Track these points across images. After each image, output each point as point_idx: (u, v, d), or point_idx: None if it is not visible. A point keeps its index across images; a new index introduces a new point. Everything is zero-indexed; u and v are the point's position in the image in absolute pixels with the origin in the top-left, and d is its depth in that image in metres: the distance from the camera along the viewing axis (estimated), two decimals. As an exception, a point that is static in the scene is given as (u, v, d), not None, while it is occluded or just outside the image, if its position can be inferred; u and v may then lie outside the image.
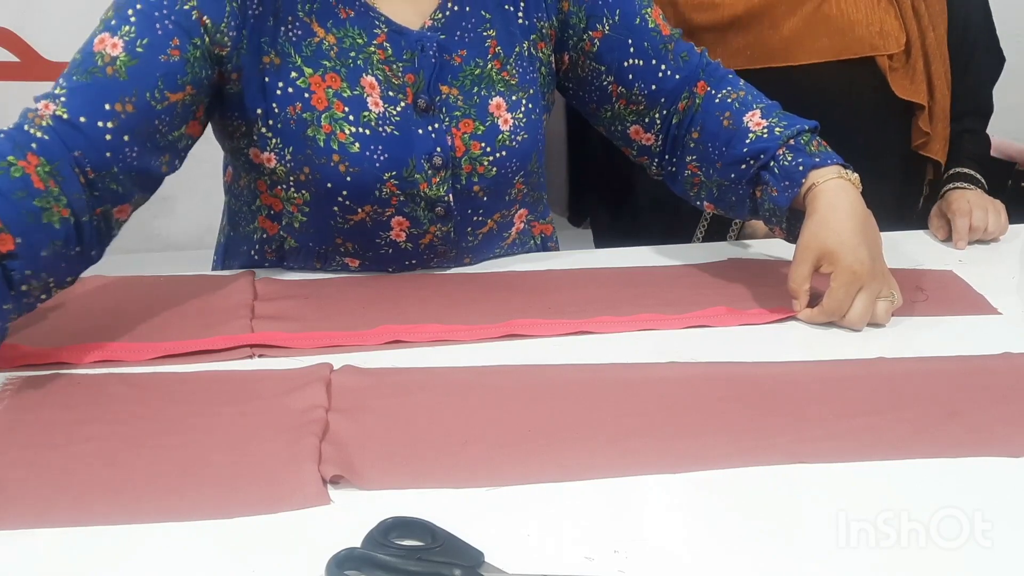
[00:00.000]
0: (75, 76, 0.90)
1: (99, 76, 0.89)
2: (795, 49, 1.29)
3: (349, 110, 0.99)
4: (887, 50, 1.29)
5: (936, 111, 1.33)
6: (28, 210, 0.81)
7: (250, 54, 0.97)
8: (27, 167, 0.82)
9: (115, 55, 0.90)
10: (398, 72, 1.01)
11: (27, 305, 0.85)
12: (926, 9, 1.32)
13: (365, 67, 1.00)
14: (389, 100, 1.00)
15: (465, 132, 1.03)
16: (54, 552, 0.61)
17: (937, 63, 1.32)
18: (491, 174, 1.05)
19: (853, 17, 1.29)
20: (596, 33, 1.10)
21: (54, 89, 0.90)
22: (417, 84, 1.01)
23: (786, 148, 1.03)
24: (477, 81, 1.04)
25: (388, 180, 1.00)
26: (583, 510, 0.66)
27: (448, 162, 1.02)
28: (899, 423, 0.78)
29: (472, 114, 1.03)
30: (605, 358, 0.88)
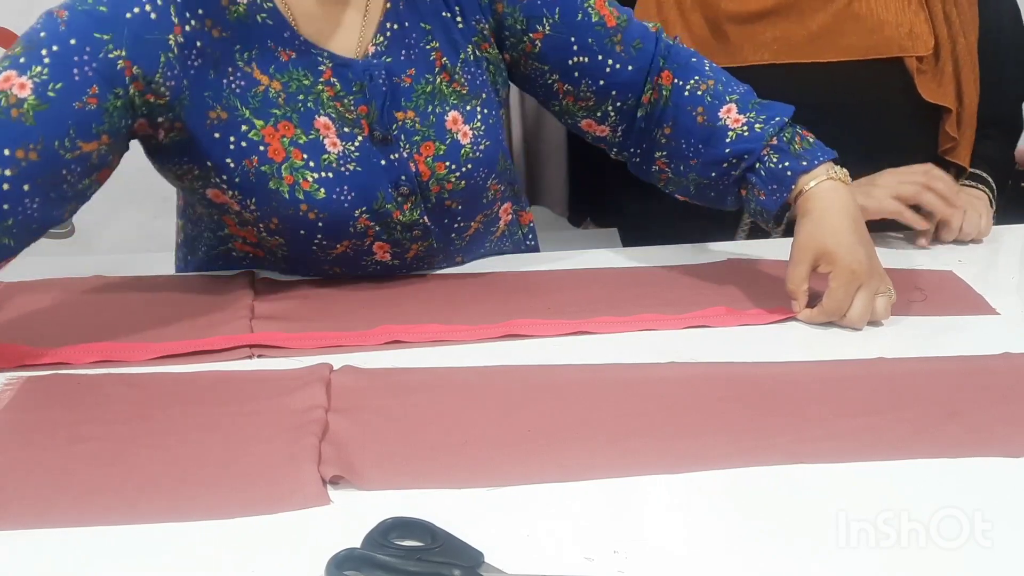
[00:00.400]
0: None
1: (1, 118, 0.82)
2: (823, 45, 1.28)
3: (308, 156, 0.96)
4: (915, 52, 1.28)
5: (964, 116, 1.31)
6: None
7: (194, 107, 0.92)
8: None
9: (23, 96, 0.83)
10: (350, 106, 0.98)
11: None
12: (958, 15, 1.30)
13: (316, 108, 0.97)
14: (346, 136, 0.98)
15: (427, 155, 1.01)
16: (54, 552, 0.61)
17: (967, 69, 1.31)
18: (460, 187, 1.03)
19: (883, 17, 1.28)
20: (536, 35, 1.05)
21: None
22: (371, 115, 0.98)
23: (770, 148, 1.02)
24: (430, 99, 1.01)
25: (360, 216, 0.99)
26: (583, 510, 0.66)
27: (415, 188, 1.01)
28: (899, 423, 0.78)
29: (431, 135, 1.01)
30: (605, 358, 0.88)
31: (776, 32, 1.29)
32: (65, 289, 1.02)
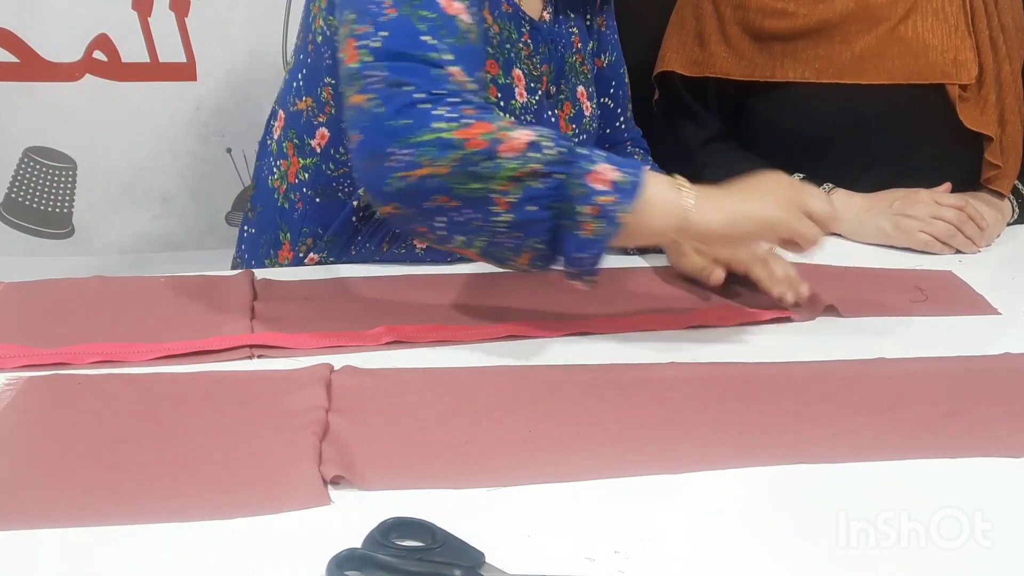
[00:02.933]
0: (447, 39, 0.86)
1: (469, 43, 0.89)
2: (866, 67, 1.27)
3: (501, 96, 1.05)
4: (959, 79, 1.26)
5: (1007, 144, 1.30)
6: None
7: None
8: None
9: (469, 22, 0.89)
10: (537, 64, 1.08)
11: None
12: (1004, 42, 1.29)
13: (515, 60, 1.06)
14: (530, 91, 1.08)
15: (567, 114, 1.13)
16: (54, 552, 0.61)
17: (1011, 97, 1.29)
18: None
19: (928, 42, 1.26)
20: (599, 61, 1.21)
21: (430, 50, 0.85)
22: (550, 73, 1.10)
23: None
24: (571, 70, 1.14)
25: None
26: (583, 510, 0.66)
27: None
28: (899, 423, 0.78)
29: (570, 98, 1.13)
30: (605, 358, 0.88)
31: (819, 51, 1.28)
32: (65, 289, 1.02)
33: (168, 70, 1.70)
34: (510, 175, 0.82)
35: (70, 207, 1.77)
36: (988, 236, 1.23)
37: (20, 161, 1.73)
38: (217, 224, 1.84)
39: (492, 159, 0.82)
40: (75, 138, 1.72)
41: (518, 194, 0.83)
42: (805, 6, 1.28)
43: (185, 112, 1.73)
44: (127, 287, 1.03)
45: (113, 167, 1.75)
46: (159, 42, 1.68)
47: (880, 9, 1.27)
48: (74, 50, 1.66)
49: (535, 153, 0.82)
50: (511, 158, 0.82)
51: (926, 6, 1.27)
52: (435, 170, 0.82)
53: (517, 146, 0.82)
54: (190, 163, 1.77)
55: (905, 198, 1.23)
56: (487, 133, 0.82)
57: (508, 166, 0.82)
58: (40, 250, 1.78)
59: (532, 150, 0.83)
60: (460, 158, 0.81)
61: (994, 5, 1.29)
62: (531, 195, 0.83)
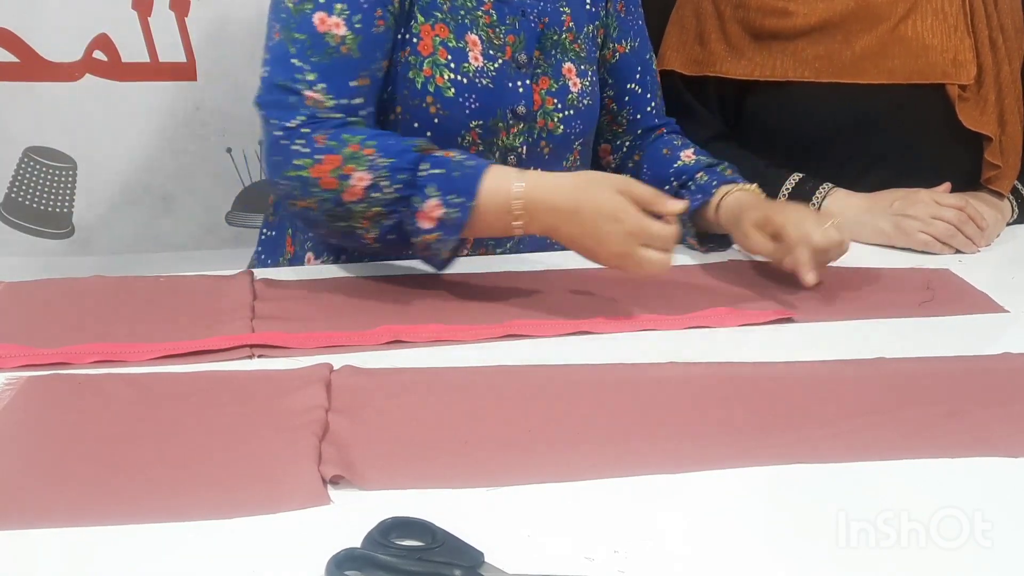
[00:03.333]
0: (313, 58, 0.97)
1: (335, 57, 0.97)
2: (866, 67, 1.27)
3: (451, 58, 1.06)
4: (958, 79, 1.26)
5: (1007, 144, 1.30)
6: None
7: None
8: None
9: (342, 35, 0.97)
10: (500, 34, 1.10)
11: None
12: (1004, 42, 1.29)
13: (471, 26, 1.08)
14: (489, 57, 1.09)
15: (543, 88, 1.13)
16: (54, 552, 0.61)
17: (1010, 98, 1.29)
18: (558, 131, 1.15)
19: (928, 42, 1.27)
20: (620, 47, 1.23)
21: (294, 73, 0.96)
22: (516, 44, 1.11)
23: (703, 171, 1.18)
24: (554, 46, 1.14)
25: (473, 128, 1.08)
26: (583, 510, 0.66)
27: (528, 115, 1.11)
28: (899, 423, 0.78)
29: (549, 73, 1.14)
30: (605, 358, 0.88)
31: (819, 50, 1.28)
32: (65, 289, 1.02)
33: (168, 70, 1.70)
34: (362, 216, 0.95)
35: (70, 207, 1.77)
36: (988, 236, 1.23)
37: (20, 161, 1.73)
38: (217, 224, 1.83)
39: (342, 205, 0.95)
40: (75, 138, 1.72)
41: (376, 230, 0.97)
42: (805, 5, 1.28)
43: (185, 112, 1.73)
44: (127, 287, 1.03)
45: (113, 167, 1.75)
46: (159, 42, 1.68)
47: (880, 9, 1.27)
48: (74, 50, 1.66)
49: (376, 194, 0.94)
50: (357, 202, 0.94)
51: (926, 6, 1.27)
52: (307, 204, 0.97)
53: (358, 191, 0.94)
54: (190, 163, 1.77)
55: (905, 198, 1.23)
56: (335, 168, 0.94)
57: (356, 210, 0.95)
58: (40, 250, 1.78)
59: (373, 191, 0.94)
60: (320, 199, 0.95)
61: (994, 5, 1.29)
62: (385, 230, 0.97)
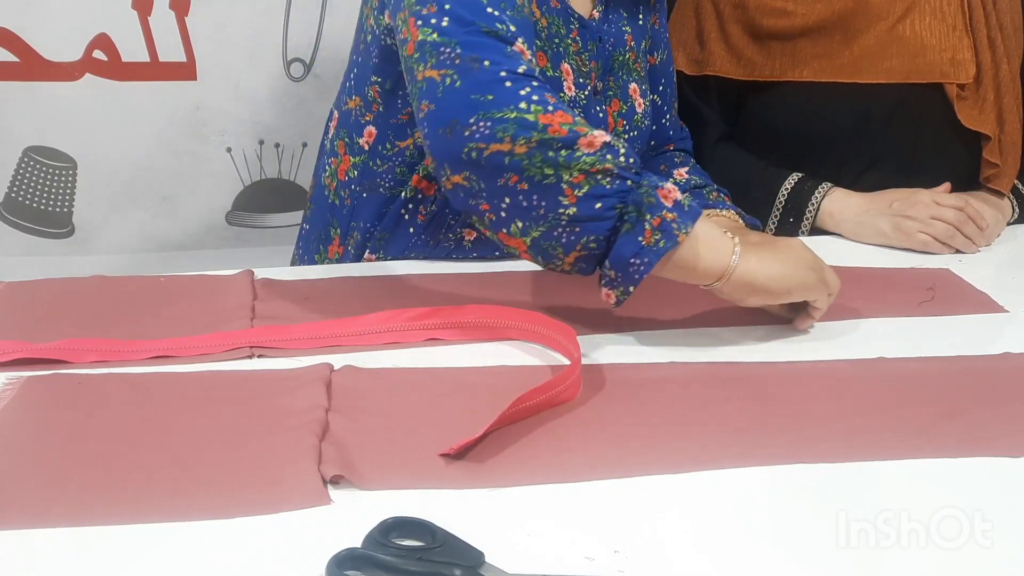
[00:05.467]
0: (508, 11, 0.91)
1: (523, 17, 0.94)
2: (865, 66, 1.27)
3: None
4: (956, 79, 1.26)
5: (1006, 143, 1.30)
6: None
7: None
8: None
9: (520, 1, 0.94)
10: (585, 61, 1.10)
11: None
12: (1003, 41, 1.29)
13: (564, 55, 1.08)
14: (579, 86, 1.10)
15: (615, 110, 1.14)
16: (54, 552, 0.61)
17: (1009, 96, 1.29)
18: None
19: (927, 41, 1.27)
20: (652, 59, 1.23)
21: (496, 22, 0.89)
22: (598, 70, 1.12)
23: (691, 191, 1.17)
24: (621, 67, 1.15)
25: None
26: (583, 510, 0.67)
27: None
28: (899, 423, 0.78)
29: (619, 95, 1.15)
30: (605, 358, 0.88)
31: (818, 50, 1.28)
32: (65, 289, 1.02)
33: (168, 70, 1.70)
34: (584, 168, 0.84)
35: (70, 207, 1.77)
36: (988, 236, 1.23)
37: (20, 161, 1.73)
38: (217, 224, 1.84)
39: (570, 148, 0.83)
40: (75, 138, 1.72)
41: (587, 188, 0.84)
42: (804, 5, 1.28)
43: (185, 112, 1.73)
44: (127, 287, 1.03)
45: (113, 167, 1.75)
46: (159, 42, 1.68)
47: (878, 8, 1.27)
48: (74, 50, 1.66)
49: (611, 155, 0.84)
50: (589, 153, 0.84)
51: (924, 5, 1.27)
52: (513, 147, 0.84)
53: (595, 143, 0.84)
54: (190, 163, 1.77)
55: (904, 199, 1.23)
56: (567, 123, 0.84)
57: (585, 159, 0.84)
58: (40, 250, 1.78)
59: (608, 151, 0.84)
60: (539, 141, 0.83)
61: (992, 4, 1.29)
62: (600, 192, 0.84)
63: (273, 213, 1.87)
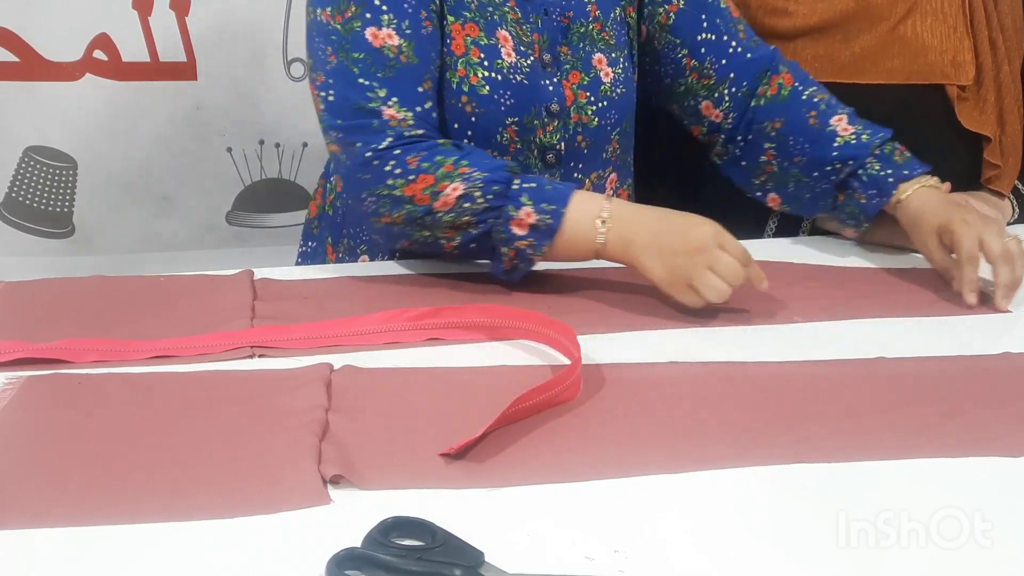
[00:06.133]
0: (378, 73, 1.00)
1: (397, 68, 1.01)
2: (865, 67, 1.27)
3: (484, 56, 1.07)
4: (957, 80, 1.26)
5: (1006, 144, 1.30)
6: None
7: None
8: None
9: (397, 44, 1.01)
10: (527, 32, 1.10)
11: None
12: (1004, 42, 1.29)
13: (500, 22, 1.09)
14: (520, 53, 1.09)
15: (574, 82, 1.13)
16: (54, 552, 0.61)
17: (1009, 97, 1.29)
18: (593, 124, 1.14)
19: (927, 42, 1.26)
20: (672, 7, 1.19)
21: (366, 92, 0.99)
22: (543, 42, 1.11)
23: (874, 157, 1.12)
24: (582, 39, 1.14)
25: (510, 125, 1.09)
26: (583, 510, 0.66)
27: (561, 111, 1.11)
28: (899, 423, 0.78)
29: (579, 67, 1.13)
30: (606, 358, 0.88)
31: (818, 50, 1.28)
32: (65, 289, 1.02)
33: (168, 70, 1.71)
34: (449, 224, 0.99)
35: (70, 207, 1.77)
36: None
37: (20, 161, 1.73)
38: (217, 224, 1.84)
39: (431, 214, 0.99)
40: (75, 138, 1.72)
41: (458, 239, 1.00)
42: (805, 5, 1.28)
43: (185, 112, 1.73)
44: (127, 287, 1.03)
45: (113, 167, 1.75)
46: (159, 42, 1.68)
47: (880, 9, 1.27)
48: (74, 50, 1.66)
49: (467, 204, 0.98)
50: (447, 212, 0.98)
51: (925, 6, 1.27)
52: (393, 219, 1.01)
53: (450, 201, 0.98)
54: (190, 163, 1.78)
55: None
56: (428, 187, 0.98)
57: (445, 220, 0.99)
58: (40, 250, 1.79)
59: (465, 201, 0.98)
60: (407, 213, 0.99)
61: (993, 5, 1.29)
62: (468, 239, 1.00)
63: (273, 213, 1.87)
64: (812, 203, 1.18)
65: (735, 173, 1.23)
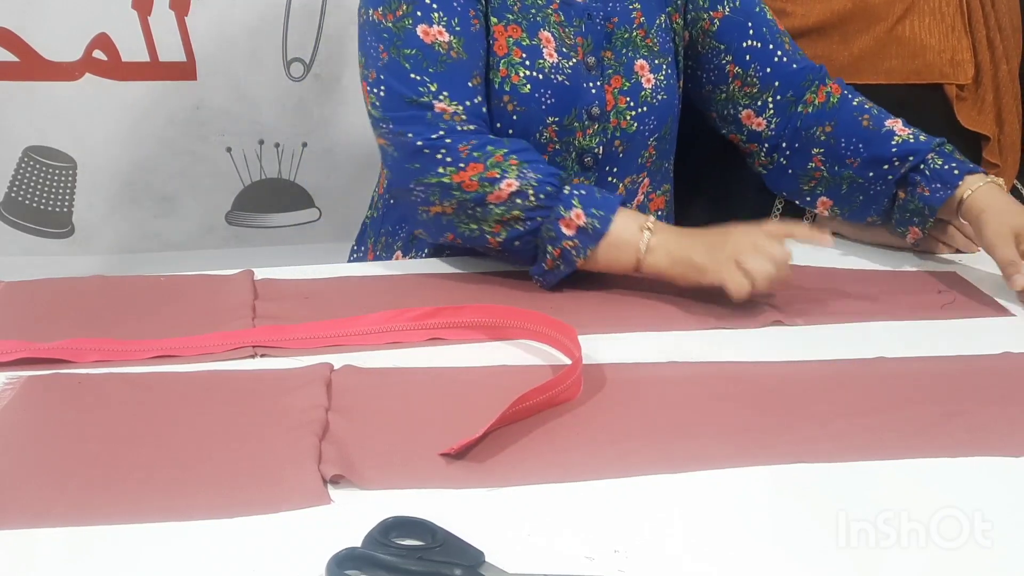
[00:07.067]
0: (430, 69, 1.03)
1: (447, 64, 1.03)
2: (864, 67, 1.27)
3: (526, 56, 1.09)
4: (956, 80, 1.26)
5: (1005, 143, 1.30)
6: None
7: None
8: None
9: (448, 40, 1.04)
10: (571, 35, 1.11)
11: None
12: (1001, 41, 1.29)
13: (543, 23, 1.10)
14: (563, 55, 1.10)
15: (616, 87, 1.14)
16: (54, 552, 0.61)
17: (1008, 96, 1.29)
18: (632, 129, 1.15)
19: (926, 42, 1.27)
20: (716, 13, 1.19)
21: (418, 87, 1.02)
22: (587, 46, 1.12)
23: (935, 153, 1.11)
24: (625, 44, 1.14)
25: (550, 124, 1.10)
26: (583, 510, 0.66)
27: (601, 115, 1.12)
28: (899, 423, 0.78)
29: (621, 71, 1.14)
30: (605, 358, 0.88)
31: (817, 51, 1.28)
32: (65, 289, 1.02)
33: (168, 70, 1.71)
34: (499, 219, 1.01)
35: (70, 207, 1.77)
36: None
37: (20, 161, 1.73)
38: (217, 224, 1.84)
39: (483, 206, 1.00)
40: (75, 138, 1.72)
41: (504, 234, 1.02)
42: (803, 6, 1.28)
43: (185, 112, 1.73)
44: (127, 287, 1.03)
45: (113, 167, 1.75)
46: (159, 42, 1.68)
47: (877, 9, 1.27)
48: (74, 50, 1.66)
49: (520, 200, 1.00)
50: (498, 205, 1.00)
51: (923, 6, 1.27)
52: (443, 208, 1.02)
53: (503, 195, 1.00)
54: (190, 163, 1.77)
55: None
56: (478, 174, 1.00)
57: (496, 212, 1.01)
58: (40, 250, 1.78)
59: (518, 197, 1.00)
60: (459, 200, 1.01)
61: (991, 5, 1.29)
62: (515, 235, 1.01)
63: (273, 213, 1.87)
64: (866, 205, 1.16)
65: (783, 183, 1.22)
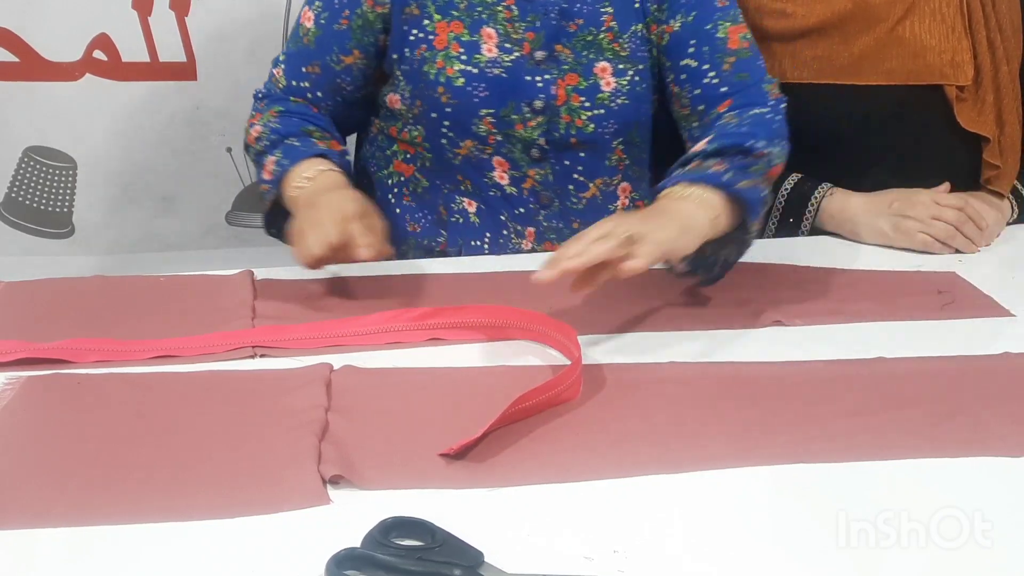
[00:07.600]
0: (290, 44, 1.18)
1: (300, 45, 1.15)
2: (864, 68, 1.27)
3: (464, 51, 1.11)
4: (956, 81, 1.26)
5: (1005, 144, 1.30)
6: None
7: (398, 8, 1.13)
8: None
9: (308, 27, 1.14)
10: (519, 29, 1.12)
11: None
12: (1002, 42, 1.29)
13: (488, 20, 1.12)
14: (504, 50, 1.12)
15: (569, 84, 1.13)
16: (54, 552, 0.61)
17: (1008, 98, 1.29)
18: (588, 129, 1.15)
19: (926, 43, 1.26)
20: (668, 28, 1.16)
21: (280, 54, 1.19)
22: (536, 41, 1.12)
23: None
24: (587, 46, 1.14)
25: (484, 116, 1.12)
26: (583, 510, 0.67)
27: (547, 108, 1.13)
28: (899, 423, 0.78)
29: (578, 70, 1.14)
30: (606, 358, 0.88)
31: (817, 51, 1.28)
32: (65, 289, 1.02)
33: (168, 70, 1.71)
34: (252, 159, 1.16)
35: (70, 207, 1.77)
36: (988, 236, 1.23)
37: (20, 161, 1.73)
38: (217, 224, 1.84)
39: (248, 148, 1.16)
40: (75, 138, 1.72)
41: (258, 174, 1.12)
42: (803, 6, 1.28)
43: (185, 112, 1.73)
44: (127, 287, 1.03)
45: (113, 167, 1.75)
46: (159, 42, 1.68)
47: (878, 10, 1.27)
48: (74, 50, 1.66)
49: (257, 144, 1.13)
50: (249, 147, 1.16)
51: (924, 7, 1.27)
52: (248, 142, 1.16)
53: (251, 139, 1.14)
54: (190, 163, 1.78)
55: (904, 199, 1.23)
56: (251, 126, 1.15)
57: (250, 153, 1.16)
58: (40, 250, 1.79)
59: (259, 142, 1.12)
60: (246, 143, 1.16)
61: (992, 6, 1.29)
62: (259, 177, 1.12)
63: (273, 213, 1.87)
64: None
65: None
